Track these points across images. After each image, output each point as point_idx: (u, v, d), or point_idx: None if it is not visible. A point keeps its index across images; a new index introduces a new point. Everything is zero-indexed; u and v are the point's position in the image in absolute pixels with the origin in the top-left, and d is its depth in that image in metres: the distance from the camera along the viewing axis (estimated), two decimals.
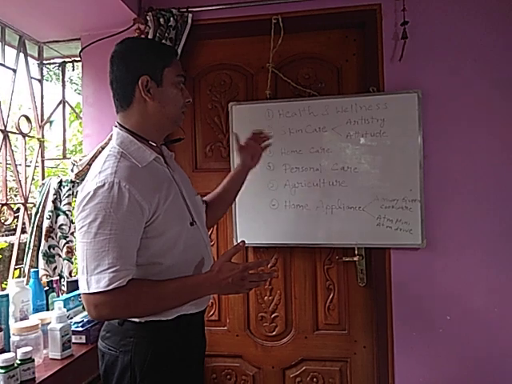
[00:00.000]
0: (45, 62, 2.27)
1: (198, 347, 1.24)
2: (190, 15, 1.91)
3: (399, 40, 1.81)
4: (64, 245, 1.96)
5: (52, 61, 2.30)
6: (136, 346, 1.07)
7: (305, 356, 1.99)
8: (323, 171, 1.87)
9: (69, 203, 1.99)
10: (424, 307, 1.83)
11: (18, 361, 1.21)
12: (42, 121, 2.25)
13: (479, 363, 1.79)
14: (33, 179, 2.20)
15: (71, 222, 1.99)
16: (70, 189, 1.99)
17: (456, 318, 1.81)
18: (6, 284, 2.08)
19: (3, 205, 1.96)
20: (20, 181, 2.09)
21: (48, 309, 1.65)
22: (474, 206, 1.79)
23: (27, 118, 2.13)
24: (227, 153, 2.01)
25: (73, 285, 1.79)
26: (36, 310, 1.57)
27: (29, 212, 2.10)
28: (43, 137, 2.25)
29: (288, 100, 1.91)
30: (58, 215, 1.98)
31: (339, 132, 1.85)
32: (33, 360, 1.23)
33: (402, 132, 1.79)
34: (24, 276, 1.93)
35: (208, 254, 1.21)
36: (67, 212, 1.98)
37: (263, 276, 1.09)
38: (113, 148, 1.08)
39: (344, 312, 1.96)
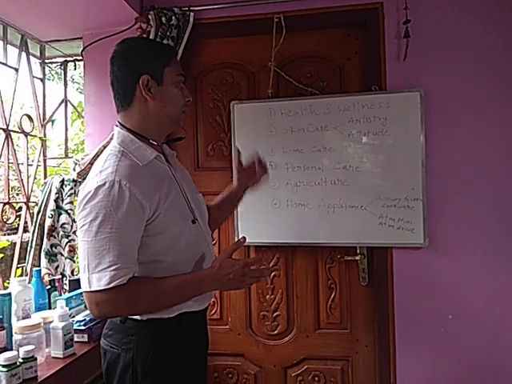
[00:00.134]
0: (47, 61, 2.27)
1: (201, 345, 1.23)
2: (192, 14, 1.92)
3: (401, 39, 1.80)
4: (66, 244, 1.97)
5: (54, 60, 2.30)
6: (138, 344, 1.07)
7: (306, 355, 1.99)
8: (325, 170, 1.86)
9: (71, 202, 1.99)
10: (426, 306, 1.83)
11: (21, 359, 1.21)
12: (44, 120, 2.25)
13: (480, 362, 1.79)
14: (35, 178, 2.20)
15: (73, 221, 2.00)
16: (72, 188, 1.99)
17: (458, 318, 1.81)
18: (9, 283, 2.09)
19: (5, 204, 1.96)
20: (22, 180, 2.10)
21: (50, 307, 1.66)
22: (476, 206, 1.79)
23: (29, 117, 2.13)
24: (229, 152, 2.01)
25: (75, 283, 1.79)
26: (38, 309, 1.58)
27: (31, 211, 2.10)
28: (45, 136, 2.25)
29: (290, 99, 1.91)
30: (60, 214, 1.98)
31: (341, 131, 1.85)
32: (35, 358, 1.24)
33: (404, 131, 1.79)
34: (26, 275, 1.93)
35: (210, 252, 1.21)
36: (69, 211, 1.98)
37: (263, 272, 1.11)
38: (114, 147, 1.08)
39: (346, 311, 1.96)
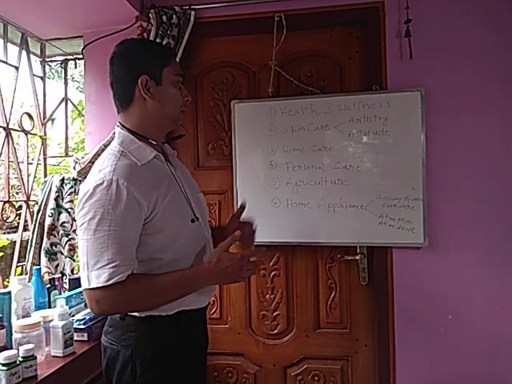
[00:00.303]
0: (47, 60, 2.27)
1: (200, 344, 1.24)
2: (193, 13, 1.91)
3: (402, 38, 1.80)
4: (66, 242, 1.96)
5: (54, 58, 2.29)
6: (137, 341, 1.08)
7: (306, 354, 1.99)
8: (325, 169, 1.86)
9: (71, 201, 1.99)
10: (426, 306, 1.83)
11: (20, 358, 1.21)
12: (45, 118, 2.25)
13: (480, 362, 1.79)
14: (35, 177, 2.20)
15: (73, 220, 1.99)
16: (72, 186, 1.99)
17: (457, 317, 1.80)
18: (9, 281, 2.09)
19: (5, 202, 1.96)
20: (22, 178, 2.10)
21: (50, 306, 1.66)
22: (477, 206, 1.79)
23: (29, 116, 2.13)
24: (229, 151, 2.00)
25: (75, 282, 1.79)
26: (38, 308, 1.58)
27: (31, 209, 2.10)
28: (45, 134, 2.25)
29: (290, 98, 1.91)
30: (60, 213, 1.98)
31: (342, 130, 1.84)
32: (35, 357, 1.24)
33: (405, 130, 1.79)
34: (26, 273, 1.93)
35: (210, 251, 1.22)
36: (69, 210, 1.98)
37: (257, 263, 1.14)
38: (114, 147, 1.10)
39: (345, 311, 1.96)
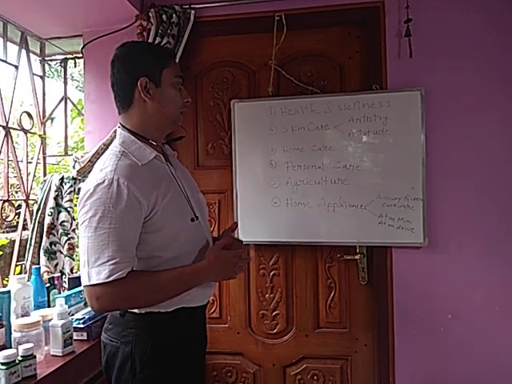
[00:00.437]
0: (47, 59, 2.27)
1: (199, 342, 1.25)
2: (193, 12, 1.91)
3: (402, 38, 1.80)
4: (65, 241, 1.96)
5: (54, 57, 2.29)
6: (136, 337, 1.09)
7: (305, 354, 1.99)
8: (325, 169, 1.86)
9: (70, 200, 1.99)
10: (425, 306, 1.83)
11: (20, 357, 1.21)
12: (44, 117, 2.25)
13: (479, 362, 1.79)
14: (34, 176, 2.20)
15: (73, 219, 1.99)
16: (72, 185, 1.99)
17: (457, 317, 1.81)
18: (8, 280, 2.09)
19: (5, 201, 1.96)
20: (22, 177, 2.09)
21: (49, 305, 1.66)
22: (476, 205, 1.79)
23: (29, 115, 2.13)
24: (229, 150, 2.00)
25: (74, 281, 1.78)
26: (37, 307, 1.57)
27: (30, 209, 2.09)
28: (45, 133, 2.25)
29: (290, 97, 1.90)
30: (60, 212, 1.97)
31: (341, 130, 1.84)
32: (34, 356, 1.24)
33: (405, 130, 1.79)
34: (25, 272, 1.93)
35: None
36: (69, 209, 1.97)
37: (246, 260, 1.19)
38: (115, 147, 1.12)
39: (345, 310, 1.96)
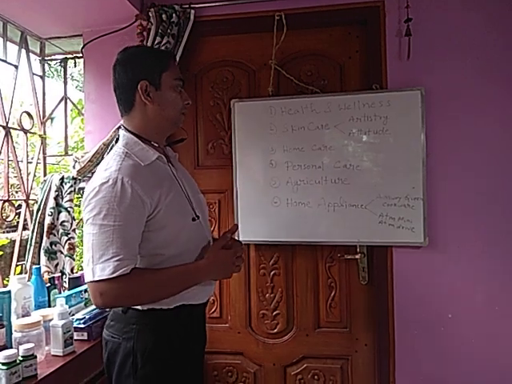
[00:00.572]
0: (46, 59, 2.27)
1: (199, 340, 1.27)
2: (193, 11, 1.91)
3: (402, 37, 1.80)
4: (66, 241, 1.96)
5: (54, 57, 2.29)
6: (138, 333, 1.11)
7: (306, 353, 1.99)
8: (325, 169, 1.86)
9: (70, 200, 1.98)
10: (425, 305, 1.83)
11: (20, 357, 1.21)
12: (44, 117, 2.25)
13: (480, 362, 1.79)
14: (34, 176, 2.20)
15: (73, 219, 1.99)
16: (72, 185, 1.98)
17: (457, 317, 1.81)
18: (8, 280, 2.09)
19: (5, 201, 1.96)
20: (22, 177, 2.09)
21: (50, 305, 1.66)
22: (477, 205, 1.79)
23: (29, 115, 2.13)
24: (229, 150, 2.00)
25: (74, 281, 1.79)
26: (38, 307, 1.57)
27: (30, 209, 2.09)
28: (45, 133, 2.25)
29: (290, 97, 1.90)
30: (60, 212, 1.97)
31: (342, 129, 1.84)
32: (35, 357, 1.24)
33: (405, 130, 1.79)
34: (26, 273, 1.93)
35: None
36: (69, 209, 1.97)
37: (243, 259, 1.25)
38: (118, 148, 1.15)
39: (345, 310, 1.96)
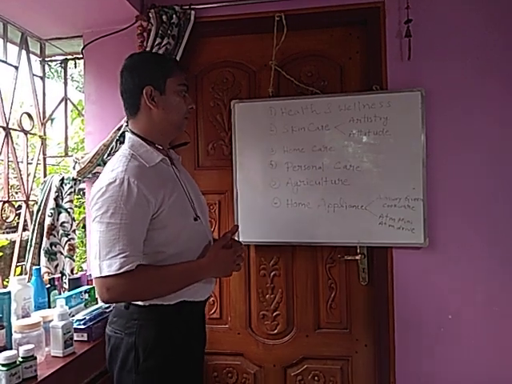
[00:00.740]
0: (47, 59, 2.27)
1: (199, 337, 1.30)
2: (193, 12, 1.91)
3: (403, 38, 1.80)
4: (66, 242, 1.96)
5: (54, 58, 2.29)
6: (140, 328, 1.14)
7: (306, 354, 1.98)
8: (325, 170, 1.86)
9: (70, 201, 1.98)
10: (425, 306, 1.83)
11: (20, 358, 1.21)
12: (44, 118, 2.25)
13: (480, 362, 1.79)
14: (34, 176, 2.20)
15: (73, 220, 1.99)
16: (72, 186, 1.98)
17: (457, 317, 1.80)
18: (8, 281, 2.09)
19: (5, 202, 1.96)
20: (22, 178, 2.09)
21: (50, 306, 1.66)
22: (477, 206, 1.79)
23: (29, 116, 2.13)
24: (229, 151, 2.00)
25: (75, 282, 1.79)
26: (38, 308, 1.57)
27: (30, 209, 2.09)
28: (45, 134, 2.25)
29: (291, 98, 1.90)
30: (60, 213, 1.97)
31: (342, 130, 1.84)
32: (35, 358, 1.24)
33: (405, 130, 1.79)
34: (26, 273, 1.93)
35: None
36: (69, 209, 1.97)
37: (243, 258, 1.29)
38: (125, 150, 1.19)
39: (345, 311, 1.96)
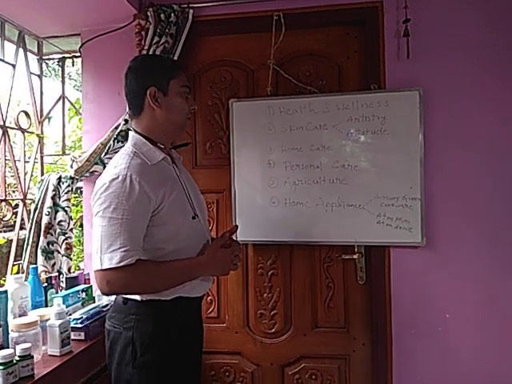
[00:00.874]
0: (44, 58, 2.26)
1: (196, 333, 1.33)
2: (191, 11, 1.91)
3: (401, 38, 1.80)
4: (63, 241, 1.96)
5: (51, 56, 2.28)
6: (138, 323, 1.17)
7: (303, 353, 1.99)
8: (323, 169, 1.86)
9: (68, 199, 1.98)
10: (423, 305, 1.83)
11: (17, 357, 1.21)
12: (42, 116, 2.24)
13: (477, 362, 1.79)
14: (32, 175, 2.19)
15: (70, 219, 1.99)
16: (69, 185, 1.98)
17: (455, 317, 1.81)
18: (5, 280, 2.08)
19: (2, 201, 1.95)
20: (19, 177, 2.09)
21: (47, 305, 1.65)
22: (475, 205, 1.79)
23: (26, 114, 2.12)
24: (227, 150, 2.00)
25: (72, 281, 1.78)
26: (35, 307, 1.57)
27: (28, 208, 2.09)
28: (42, 133, 2.24)
29: (289, 97, 1.90)
30: (57, 211, 1.97)
31: (340, 129, 1.84)
32: (32, 356, 1.24)
33: (403, 130, 1.79)
34: (23, 272, 1.92)
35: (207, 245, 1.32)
36: (66, 208, 1.97)
37: (240, 258, 1.34)
38: (127, 148, 1.23)
39: (343, 310, 1.96)
